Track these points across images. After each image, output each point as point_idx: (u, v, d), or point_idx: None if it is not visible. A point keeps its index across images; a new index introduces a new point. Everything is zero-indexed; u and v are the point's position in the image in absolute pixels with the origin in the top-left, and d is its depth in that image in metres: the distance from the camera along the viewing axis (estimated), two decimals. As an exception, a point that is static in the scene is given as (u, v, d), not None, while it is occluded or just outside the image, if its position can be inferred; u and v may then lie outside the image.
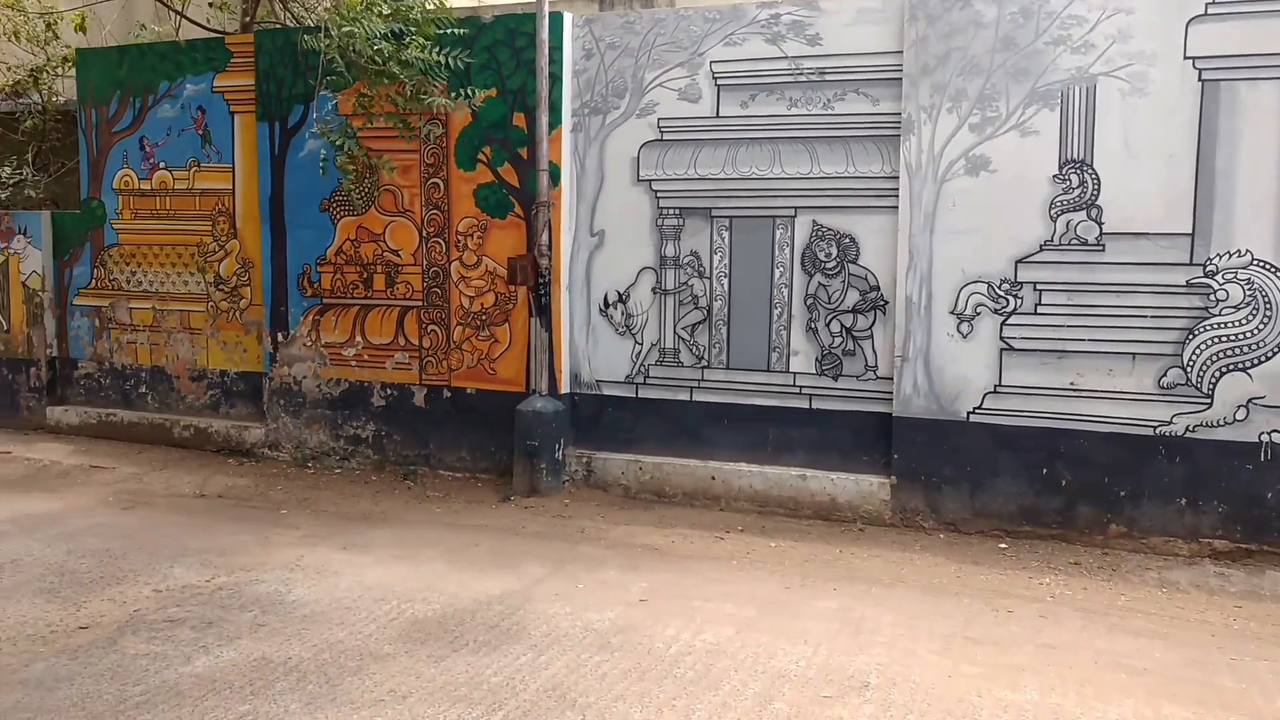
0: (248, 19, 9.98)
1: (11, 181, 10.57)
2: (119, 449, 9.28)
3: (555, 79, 7.76)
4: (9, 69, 11.26)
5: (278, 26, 9.82)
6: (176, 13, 10.16)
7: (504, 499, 7.73)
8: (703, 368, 7.68)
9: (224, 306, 9.19)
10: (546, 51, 7.60)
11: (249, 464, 8.85)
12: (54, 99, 11.05)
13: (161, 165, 9.32)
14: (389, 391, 8.53)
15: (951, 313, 6.94)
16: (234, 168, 9.05)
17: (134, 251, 9.50)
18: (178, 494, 7.92)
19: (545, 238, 7.70)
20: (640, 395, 7.87)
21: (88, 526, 6.83)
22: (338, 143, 7.87)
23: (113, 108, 9.48)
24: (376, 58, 7.41)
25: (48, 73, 10.66)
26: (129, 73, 9.36)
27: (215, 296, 9.21)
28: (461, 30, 7.78)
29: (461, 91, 7.85)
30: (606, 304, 7.92)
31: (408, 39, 7.49)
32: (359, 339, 8.58)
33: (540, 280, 7.72)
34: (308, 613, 5.26)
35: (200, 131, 9.14)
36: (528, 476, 7.72)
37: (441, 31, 7.64)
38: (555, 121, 7.78)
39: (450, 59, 7.54)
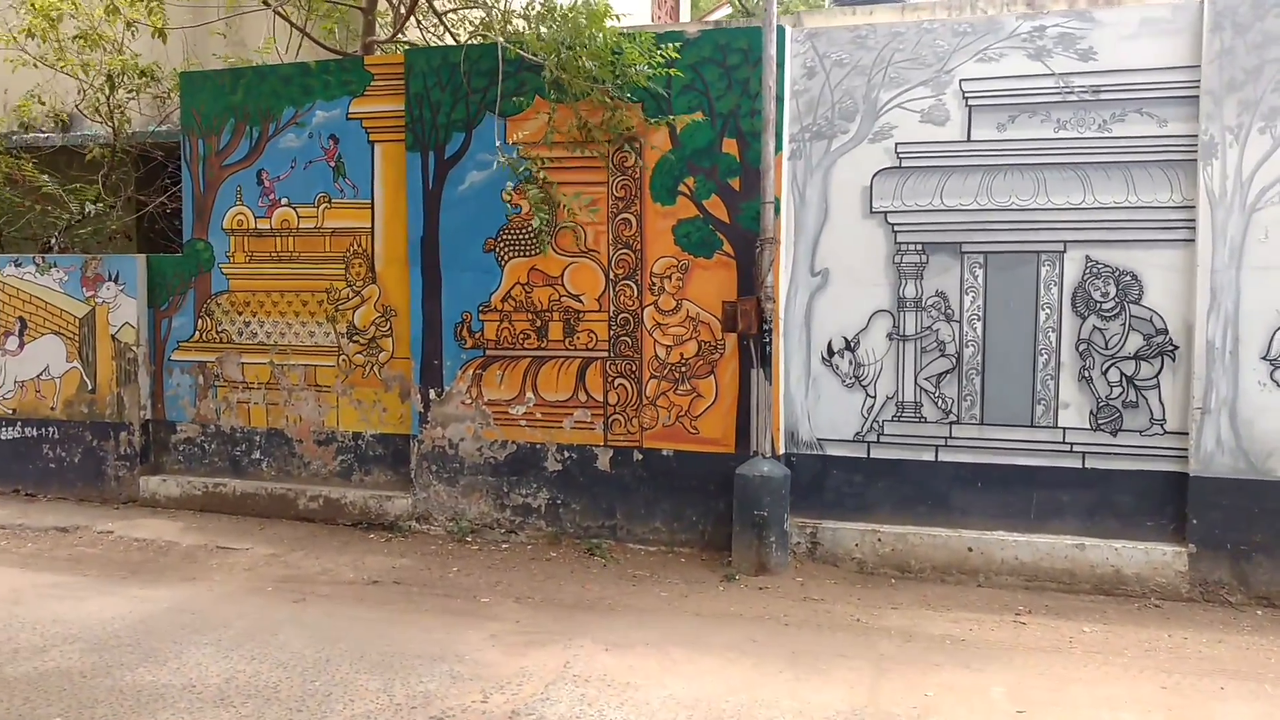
0: (370, 38, 8.96)
1: (87, 216, 9.39)
2: (235, 525, 8.12)
3: (775, 100, 6.86)
4: (47, 94, 10.14)
5: (410, 46, 8.79)
6: (299, 30, 9.08)
7: (727, 578, 6.73)
8: (950, 423, 6.77)
9: (359, 360, 8.10)
10: (774, 68, 6.70)
11: (397, 540, 7.74)
12: (125, 125, 9.90)
13: (284, 202, 8.25)
14: (566, 454, 7.50)
15: (1263, 359, 6.14)
16: (373, 203, 8.01)
17: (248, 299, 8.38)
18: (340, 579, 6.79)
19: (770, 279, 6.76)
20: (873, 455, 6.93)
21: (263, 625, 5.71)
22: (523, 173, 6.87)
23: (225, 137, 8.40)
24: (602, 76, 6.46)
25: (114, 94, 9.51)
26: (245, 98, 8.30)
27: (349, 349, 8.12)
28: (672, 47, 6.84)
29: (662, 116, 6.92)
30: (831, 352, 6.99)
31: (628, 57, 6.56)
32: (530, 395, 7.55)
33: (764, 327, 6.77)
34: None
35: (332, 163, 8.09)
36: (754, 551, 6.73)
37: (660, 49, 6.71)
38: (775, 148, 6.88)
39: (669, 77, 6.61)
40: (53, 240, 9.88)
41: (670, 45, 6.85)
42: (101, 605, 6.06)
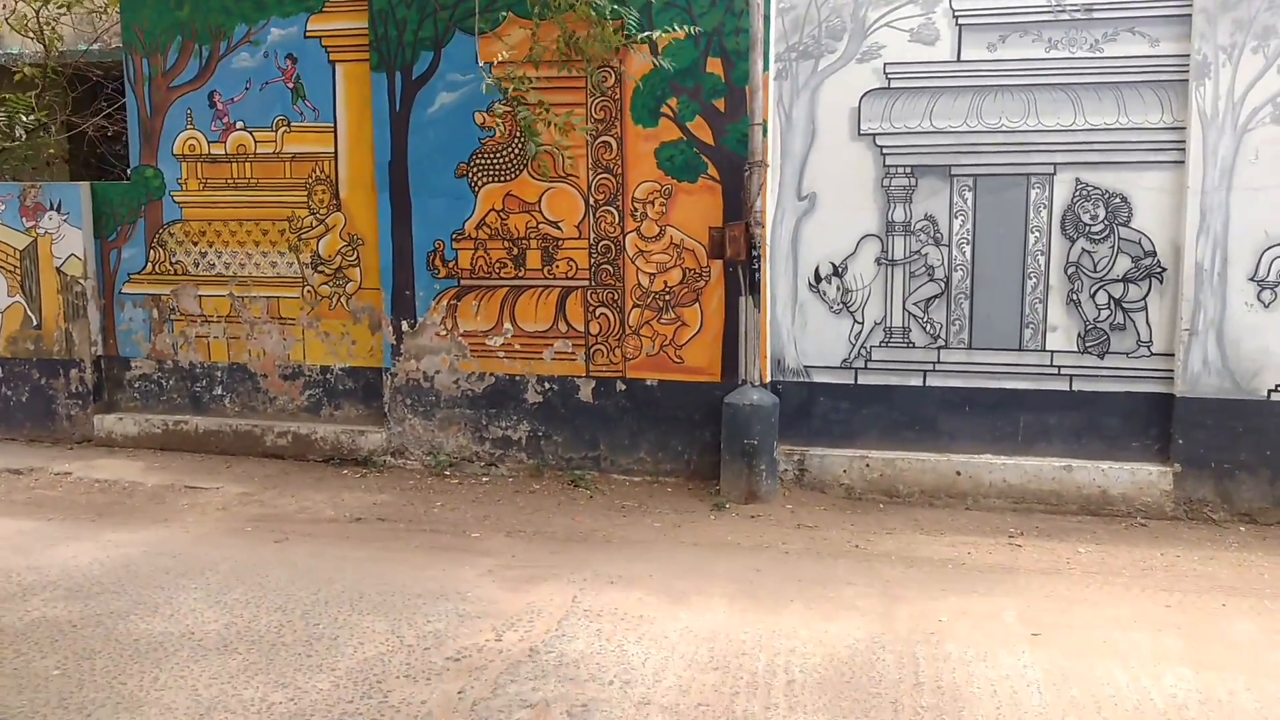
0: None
1: (18, 139, 8.83)
2: (200, 463, 7.84)
3: (763, 18, 6.64)
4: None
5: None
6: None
7: (717, 506, 6.68)
8: (939, 348, 6.74)
9: (325, 292, 7.80)
10: (761, -16, 6.47)
11: (373, 475, 7.54)
12: (56, 43, 9.29)
13: (239, 125, 7.83)
14: (547, 385, 7.33)
15: (1251, 279, 6.18)
16: (336, 127, 7.65)
17: (203, 229, 7.99)
18: (320, 517, 6.60)
19: (759, 203, 6.61)
20: (860, 382, 6.89)
21: (249, 567, 5.51)
22: (509, 93, 6.58)
23: (171, 57, 7.92)
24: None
25: (45, 6, 8.90)
26: (192, 14, 7.83)
27: (314, 280, 7.81)
28: (656, -42, 6.56)
29: (642, 34, 6.65)
30: (818, 278, 6.90)
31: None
32: (508, 326, 7.35)
33: (753, 253, 6.64)
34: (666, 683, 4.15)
35: (290, 85, 7.69)
36: (744, 480, 6.68)
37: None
38: (763, 67, 6.68)
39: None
40: (-23, 165, 9.28)
41: (654, -42, 6.55)
42: (75, 551, 5.79)
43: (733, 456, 6.71)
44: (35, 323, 8.31)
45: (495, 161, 7.23)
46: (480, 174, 7.27)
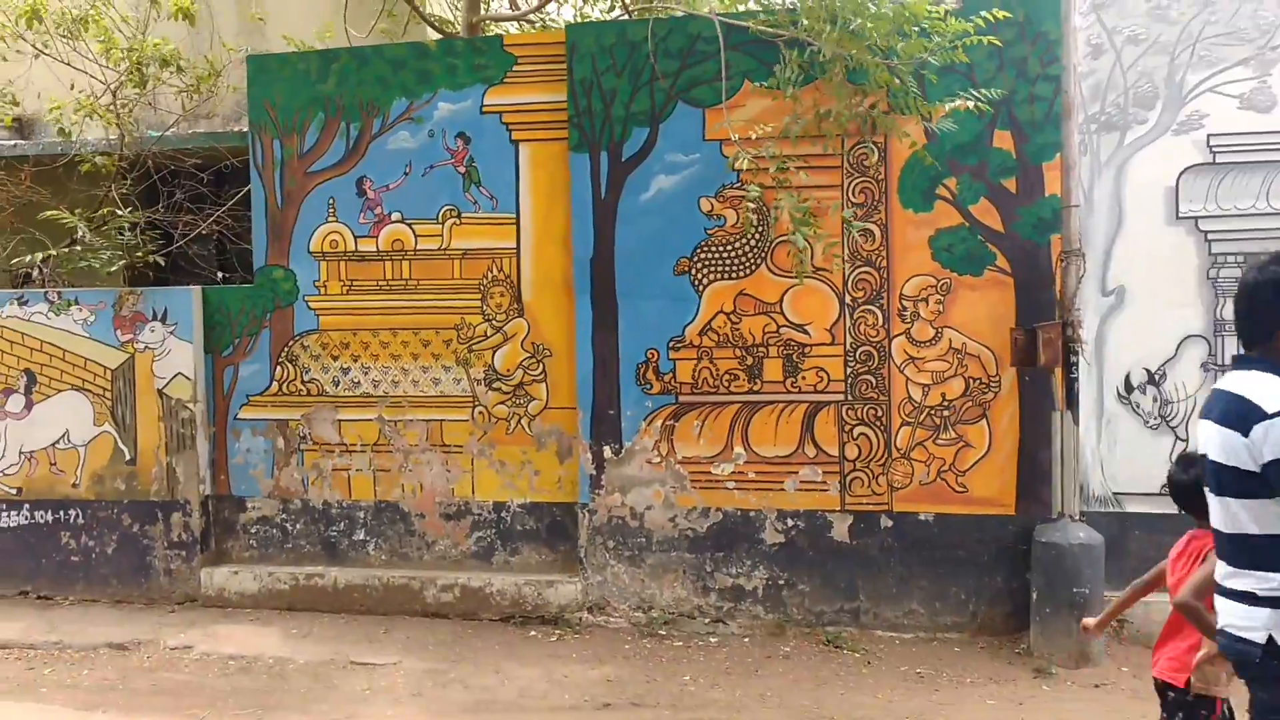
0: (477, 17, 7.34)
1: (80, 240, 7.44)
2: (349, 627, 6.37)
3: (1055, 82, 5.63)
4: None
5: (537, 23, 7.22)
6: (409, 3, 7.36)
7: (1040, 672, 5.42)
8: None
9: (501, 413, 6.47)
10: (1075, 41, 5.47)
11: (570, 637, 6.14)
12: (130, 125, 7.96)
13: (395, 217, 6.57)
14: (790, 522, 6.05)
15: None
16: (519, 218, 6.43)
17: (345, 340, 6.65)
18: (555, 705, 5.20)
19: (1077, 300, 5.49)
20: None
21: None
22: (775, 170, 5.44)
23: (310, 137, 6.67)
24: (886, 46, 5.10)
25: (143, 86, 7.64)
26: (339, 87, 6.61)
27: (487, 399, 6.48)
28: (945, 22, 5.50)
29: (910, 105, 5.58)
30: (1129, 387, 5.78)
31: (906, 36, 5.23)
32: (739, 450, 6.08)
33: (1071, 359, 5.49)
34: None
35: (462, 168, 6.47)
36: (1070, 638, 5.40)
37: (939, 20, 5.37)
38: (1053, 143, 5.64)
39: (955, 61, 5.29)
40: (34, 271, 7.82)
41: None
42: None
43: (1054, 609, 5.45)
44: (129, 457, 6.83)
45: (725, 255, 6.05)
46: (706, 270, 6.07)
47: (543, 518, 6.49)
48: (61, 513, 6.92)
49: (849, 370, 5.97)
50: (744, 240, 6.04)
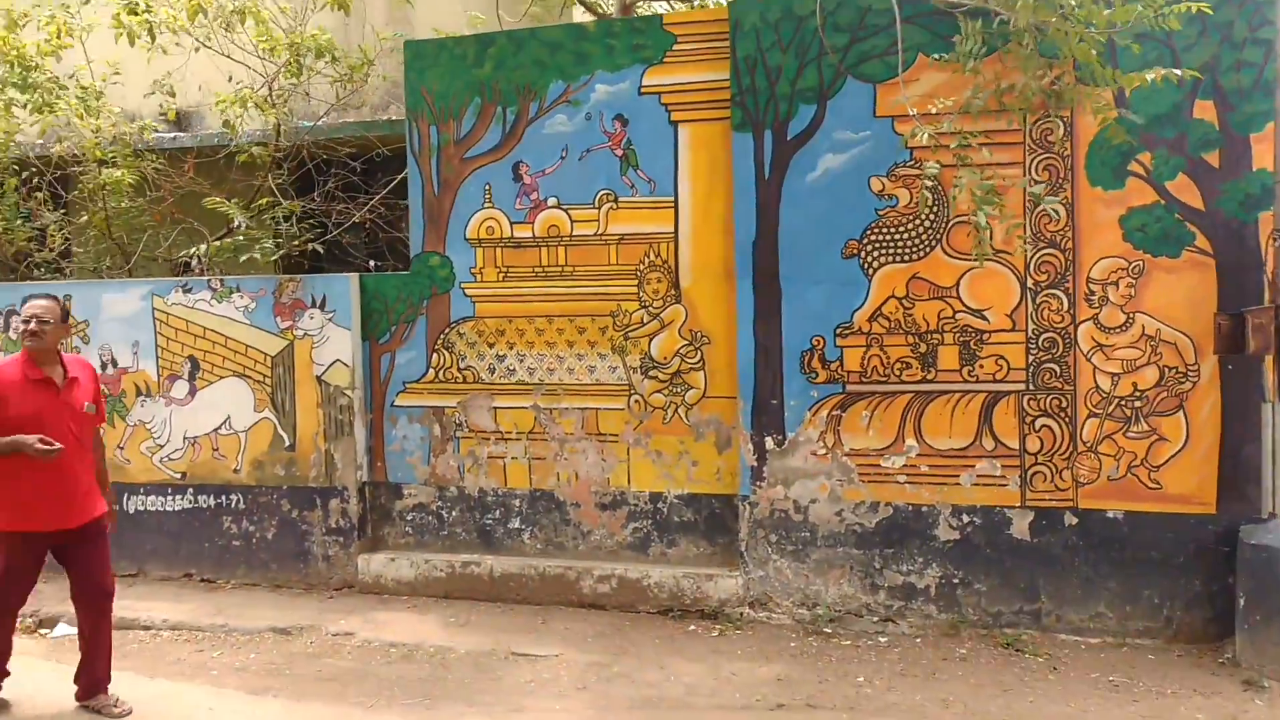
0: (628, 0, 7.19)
1: (236, 229, 7.54)
2: (505, 616, 6.32)
3: (1266, 46, 5.18)
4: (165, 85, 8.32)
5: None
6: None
7: (1250, 685, 5.04)
8: None
9: (658, 401, 6.31)
10: (1293, 2, 5.01)
11: (732, 632, 5.96)
12: (286, 115, 8.05)
13: (550, 202, 6.47)
14: (965, 519, 5.74)
15: None
16: (677, 201, 6.26)
17: (501, 327, 6.58)
18: (726, 703, 5.02)
19: (1292, 281, 5.05)
20: None
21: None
22: (931, 147, 5.14)
23: (467, 123, 6.61)
24: (1088, 18, 4.75)
25: (300, 77, 7.70)
26: (496, 71, 6.52)
27: (644, 387, 6.33)
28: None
29: (1105, 76, 5.18)
30: (1346, 378, 5.27)
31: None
32: (911, 443, 5.80)
33: (1283, 346, 5.05)
34: None
35: (619, 151, 6.33)
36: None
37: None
38: (1262, 112, 5.19)
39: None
40: (192, 260, 7.97)
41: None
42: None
43: (1265, 616, 5.05)
44: (288, 443, 6.89)
45: (897, 237, 5.78)
46: (876, 253, 5.81)
47: (700, 510, 6.32)
48: (223, 497, 7.02)
49: (1031, 358, 5.64)
50: (918, 221, 5.75)
